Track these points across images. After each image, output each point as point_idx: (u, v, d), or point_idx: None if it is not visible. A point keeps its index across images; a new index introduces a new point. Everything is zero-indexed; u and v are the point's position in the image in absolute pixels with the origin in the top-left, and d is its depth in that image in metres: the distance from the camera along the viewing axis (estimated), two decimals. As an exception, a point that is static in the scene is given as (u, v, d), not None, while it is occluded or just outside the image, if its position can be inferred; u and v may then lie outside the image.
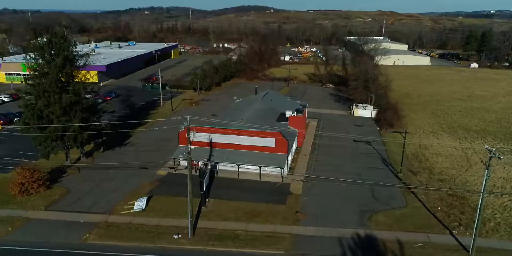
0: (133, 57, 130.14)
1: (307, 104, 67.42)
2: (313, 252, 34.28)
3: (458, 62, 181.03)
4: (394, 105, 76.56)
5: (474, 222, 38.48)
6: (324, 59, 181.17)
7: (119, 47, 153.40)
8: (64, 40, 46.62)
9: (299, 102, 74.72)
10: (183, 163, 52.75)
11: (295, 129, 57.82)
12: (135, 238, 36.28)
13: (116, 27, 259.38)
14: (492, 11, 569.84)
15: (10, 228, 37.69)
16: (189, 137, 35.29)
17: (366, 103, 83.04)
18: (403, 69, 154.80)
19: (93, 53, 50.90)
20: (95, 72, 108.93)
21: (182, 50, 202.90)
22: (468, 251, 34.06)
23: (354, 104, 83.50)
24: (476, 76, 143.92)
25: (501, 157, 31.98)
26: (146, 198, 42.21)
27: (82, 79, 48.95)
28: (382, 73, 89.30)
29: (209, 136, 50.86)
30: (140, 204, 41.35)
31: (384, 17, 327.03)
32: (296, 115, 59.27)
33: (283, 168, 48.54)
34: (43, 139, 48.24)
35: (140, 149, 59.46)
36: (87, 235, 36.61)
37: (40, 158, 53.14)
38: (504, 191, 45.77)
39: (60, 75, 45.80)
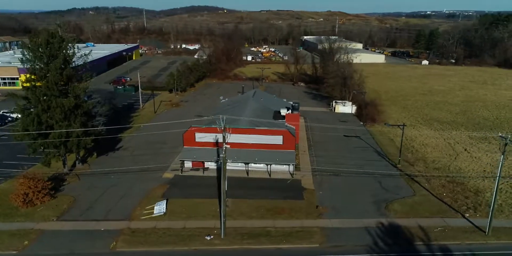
0: (96, 59, 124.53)
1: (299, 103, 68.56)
2: (346, 243, 35.48)
3: (410, 60, 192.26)
4: (373, 100, 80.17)
5: (480, 205, 42.08)
6: (285, 58, 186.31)
7: (78, 48, 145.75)
8: (62, 40, 44.20)
9: (285, 100, 76.21)
10: (188, 165, 52.05)
11: (293, 126, 58.88)
12: (166, 242, 35.39)
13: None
14: (428, 12, 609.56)
15: (26, 242, 35.22)
16: (225, 137, 34.92)
17: (345, 100, 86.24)
18: (362, 67, 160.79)
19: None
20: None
21: (140, 51, 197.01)
22: (484, 231, 36.98)
23: (334, 101, 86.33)
24: (429, 72, 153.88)
25: (519, 143, 34.75)
26: (165, 202, 41.19)
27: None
28: (356, 71, 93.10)
29: (215, 136, 50.54)
30: (160, 208, 40.30)
31: (334, 17, 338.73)
32: (292, 112, 60.37)
33: (293, 165, 49.49)
34: (40, 146, 45.43)
35: (135, 153, 57.58)
36: (114, 243, 35.16)
37: (30, 167, 50.58)
38: (495, 175, 49.86)
39: (60, 77, 43.32)
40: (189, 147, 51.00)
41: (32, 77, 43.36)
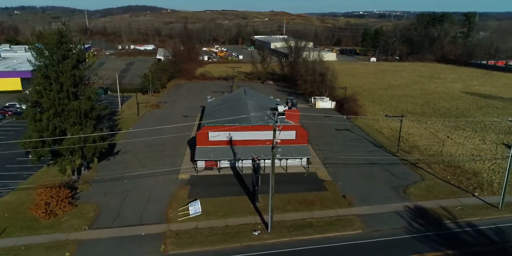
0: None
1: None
2: (385, 227, 37.79)
3: (358, 57, 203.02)
4: (352, 95, 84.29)
5: (483, 184, 46.82)
6: (240, 57, 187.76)
7: (25, 50, 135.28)
8: (71, 40, 41.83)
9: (272, 97, 77.72)
10: (201, 165, 51.49)
11: (292, 122, 60.44)
12: (216, 241, 35.23)
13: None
14: (361, 12, 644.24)
15: (68, 253, 33.11)
16: (275, 133, 35.49)
17: (322, 96, 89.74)
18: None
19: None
20: (19, 78, 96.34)
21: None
22: (496, 207, 41.31)
23: (313, 97, 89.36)
24: (380, 68, 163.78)
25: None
26: (198, 202, 40.69)
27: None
28: (328, 68, 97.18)
29: (229, 134, 50.65)
30: (195, 208, 39.80)
31: (278, 17, 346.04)
32: (291, 108, 61.84)
33: (309, 158, 51.10)
34: (49, 153, 42.65)
35: (138, 156, 55.68)
36: (163, 247, 34.30)
37: (28, 176, 47.65)
38: (482, 158, 55.43)
39: (73, 78, 40.98)
40: (203, 146, 50.52)
41: (48, 80, 40.42)
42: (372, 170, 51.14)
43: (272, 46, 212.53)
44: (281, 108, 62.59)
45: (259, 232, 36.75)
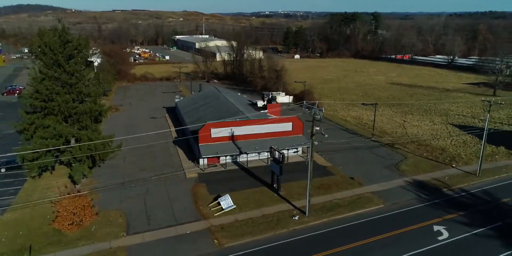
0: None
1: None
2: (400, 200, 42.50)
3: (282, 55, 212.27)
4: (308, 89, 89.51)
5: (454, 157, 54.58)
6: (167, 58, 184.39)
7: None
8: (77, 39, 38.97)
9: (239, 94, 79.30)
10: (204, 162, 51.35)
11: (274, 116, 63.07)
12: (263, 229, 36.36)
13: None
14: (267, 12, 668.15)
15: (123, 261, 31.57)
16: (313, 126, 37.70)
17: (278, 91, 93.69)
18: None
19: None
20: None
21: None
22: (474, 174, 48.86)
23: (270, 93, 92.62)
24: (308, 64, 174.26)
25: (502, 103, 47.09)
26: (228, 196, 41.06)
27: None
28: (278, 64, 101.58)
29: (231, 129, 51.36)
30: (227, 202, 40.20)
31: (194, 17, 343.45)
32: (270, 103, 64.44)
33: (308, 147, 54.05)
34: (52, 164, 39.38)
35: (129, 160, 53.33)
36: (216, 241, 34.47)
37: (18, 190, 43.44)
38: (442, 136, 64.10)
39: (84, 79, 38.35)
40: (206, 144, 50.44)
41: (49, 82, 37.03)
42: (361, 154, 56.16)
43: (198, 46, 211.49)
44: (260, 103, 65.13)
45: (298, 216, 38.76)
